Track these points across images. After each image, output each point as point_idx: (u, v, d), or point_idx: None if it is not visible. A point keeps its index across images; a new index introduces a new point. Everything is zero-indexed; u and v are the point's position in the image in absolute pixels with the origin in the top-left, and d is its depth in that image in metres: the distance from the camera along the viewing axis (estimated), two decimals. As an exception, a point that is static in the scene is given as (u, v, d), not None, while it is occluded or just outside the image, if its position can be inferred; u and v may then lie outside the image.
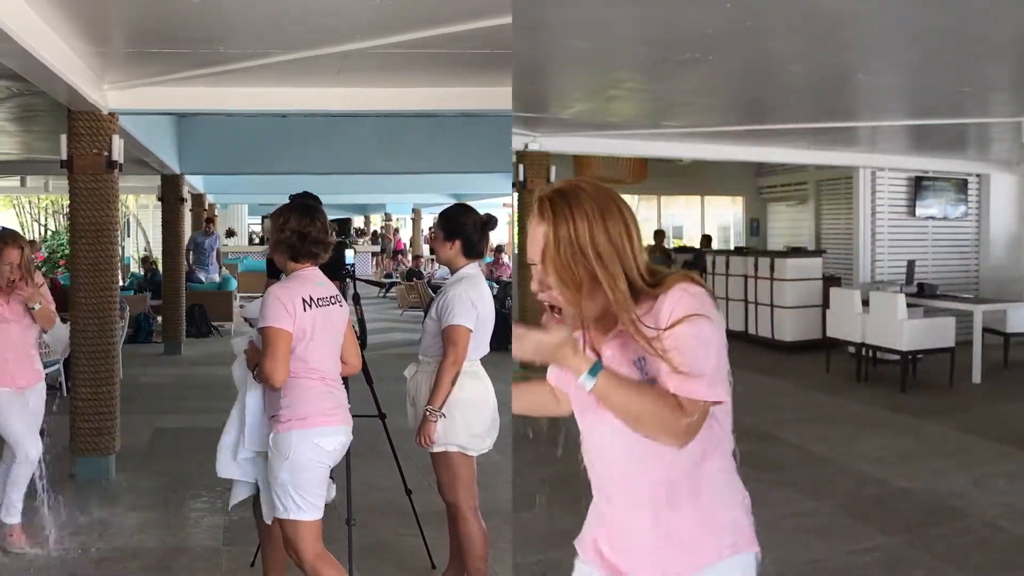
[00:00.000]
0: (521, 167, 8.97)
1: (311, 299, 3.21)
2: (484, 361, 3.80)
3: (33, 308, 4.56)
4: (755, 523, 1.97)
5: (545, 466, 6.21)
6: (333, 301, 3.32)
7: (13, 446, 4.57)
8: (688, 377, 1.70)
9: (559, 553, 4.65)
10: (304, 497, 3.20)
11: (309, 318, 3.19)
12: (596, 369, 1.68)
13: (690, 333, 1.71)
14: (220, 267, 14.99)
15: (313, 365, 3.23)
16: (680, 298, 1.74)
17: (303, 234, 3.26)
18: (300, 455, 3.18)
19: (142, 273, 15.65)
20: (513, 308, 9.16)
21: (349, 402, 3.47)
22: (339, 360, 3.39)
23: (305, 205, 3.35)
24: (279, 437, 3.20)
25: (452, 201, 9.29)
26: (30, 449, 4.57)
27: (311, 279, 3.29)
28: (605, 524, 1.99)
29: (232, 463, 3.53)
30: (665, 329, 1.72)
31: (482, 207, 4.15)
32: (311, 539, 3.25)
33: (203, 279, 14.30)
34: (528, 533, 4.84)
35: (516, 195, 9.14)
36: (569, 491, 6.18)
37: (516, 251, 9.61)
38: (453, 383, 3.60)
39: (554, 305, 1.79)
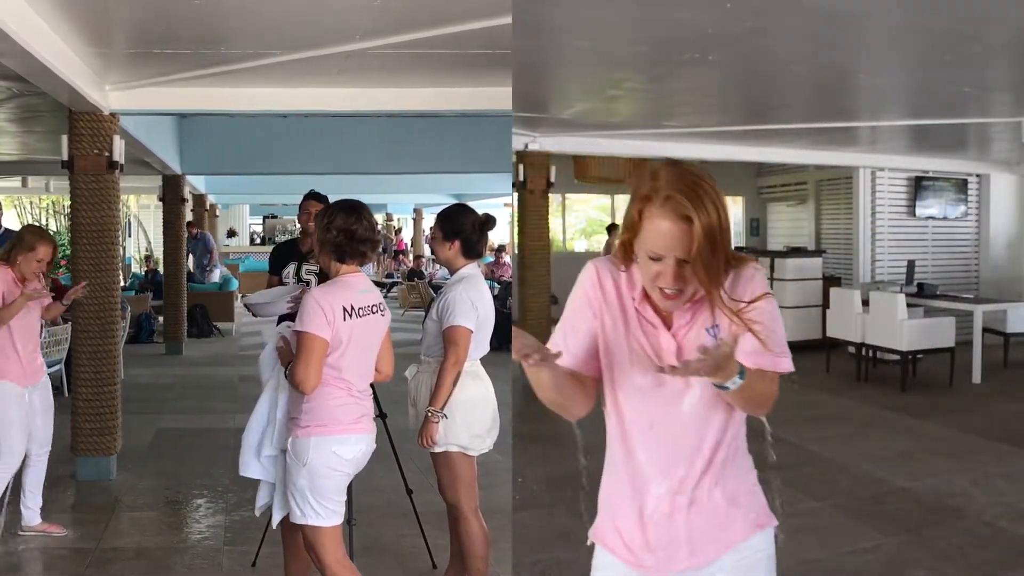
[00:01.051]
0: (521, 167, 8.97)
1: (352, 308, 3.10)
2: (484, 361, 3.80)
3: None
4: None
5: (545, 466, 6.22)
6: (375, 310, 3.20)
7: (5, 449, 4.55)
8: (775, 354, 1.82)
9: (559, 553, 4.68)
10: (323, 503, 3.14)
11: (347, 327, 3.08)
12: (743, 371, 1.72)
13: (769, 310, 1.83)
14: (214, 266, 14.98)
15: (343, 375, 3.13)
16: (754, 276, 1.86)
17: (350, 232, 3.14)
18: (318, 462, 3.11)
19: (143, 273, 15.66)
20: (513, 308, 9.16)
21: None
22: (372, 370, 3.29)
23: (350, 203, 3.22)
24: (297, 443, 3.14)
25: (453, 201, 9.29)
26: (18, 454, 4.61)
27: (355, 285, 3.17)
28: (635, 510, 1.94)
29: (255, 462, 3.44)
30: (749, 302, 1.82)
31: (483, 207, 4.16)
32: (331, 545, 3.20)
33: (203, 281, 14.34)
34: (528, 533, 4.84)
35: (516, 195, 9.14)
36: (569, 491, 6.19)
37: (517, 251, 9.60)
38: (454, 384, 3.60)
39: (671, 290, 1.79)
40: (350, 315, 3.09)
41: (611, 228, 14.64)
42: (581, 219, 18.94)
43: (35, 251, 4.57)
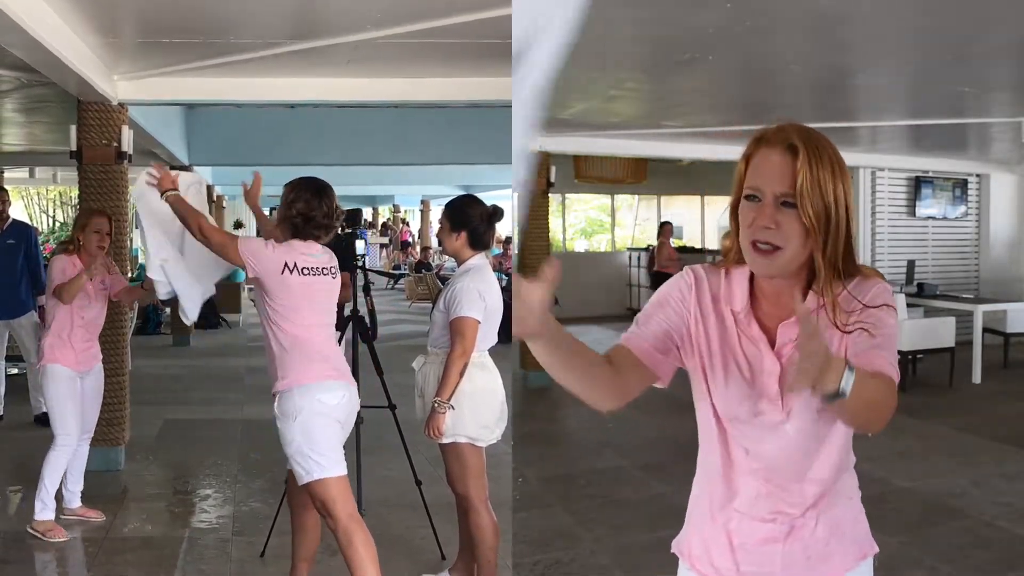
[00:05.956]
0: (521, 167, 8.96)
1: (296, 266, 3.28)
2: (492, 352, 3.80)
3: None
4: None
5: (545, 466, 6.23)
6: (325, 272, 3.38)
7: (60, 429, 4.64)
8: (884, 358, 1.58)
9: (559, 553, 4.68)
10: (323, 454, 3.23)
11: (292, 283, 3.26)
12: (851, 366, 1.42)
13: (888, 321, 1.62)
14: None
15: (306, 328, 3.30)
16: (884, 289, 1.65)
17: (308, 217, 3.34)
18: (306, 410, 3.22)
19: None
20: (513, 306, 9.14)
21: (360, 395, 3.59)
22: (333, 328, 3.47)
23: (316, 186, 3.41)
24: (282, 398, 3.27)
25: (461, 193, 9.29)
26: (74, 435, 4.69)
27: (301, 249, 3.34)
28: (723, 532, 1.78)
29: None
30: (867, 307, 1.61)
31: (491, 199, 4.15)
32: (341, 497, 3.25)
33: None
34: (528, 533, 4.84)
35: (515, 195, 9.13)
36: (569, 491, 6.20)
37: (517, 251, 9.60)
38: (461, 375, 3.60)
39: (765, 246, 1.59)
40: (292, 271, 3.26)
41: (663, 226, 14.11)
42: (581, 219, 18.95)
43: (90, 223, 4.73)
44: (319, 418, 3.24)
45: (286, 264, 3.26)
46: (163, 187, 3.53)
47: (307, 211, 3.34)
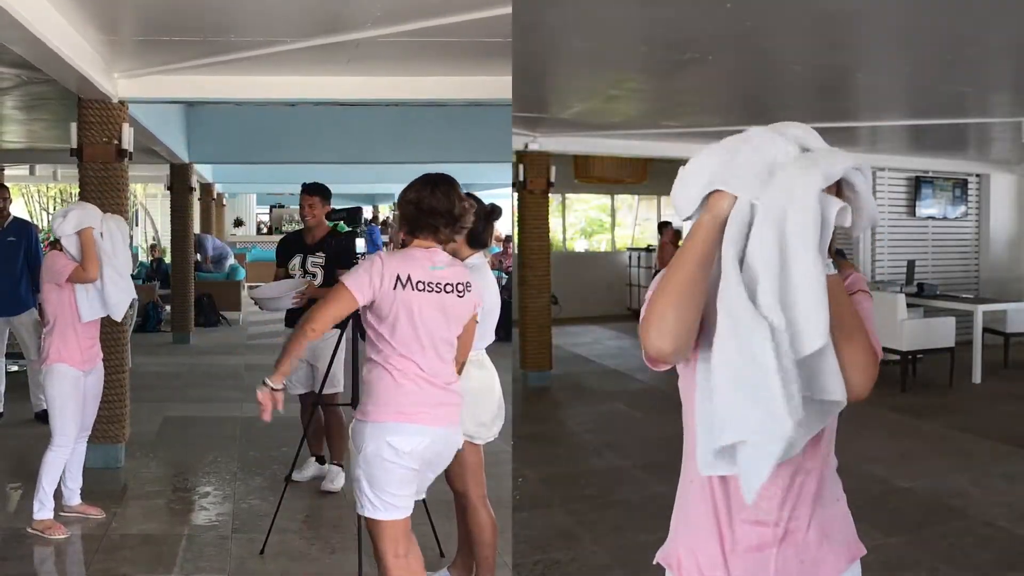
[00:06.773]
0: (521, 167, 8.97)
1: (409, 279, 2.90)
2: (490, 350, 3.81)
3: None
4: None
5: (545, 466, 6.22)
6: (448, 289, 2.99)
7: (59, 430, 4.62)
8: (871, 334, 1.68)
9: (559, 553, 4.68)
10: (379, 496, 2.99)
11: (403, 299, 2.90)
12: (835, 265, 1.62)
13: (866, 304, 1.75)
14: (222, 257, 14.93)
15: (403, 354, 2.94)
16: (858, 278, 1.80)
17: (420, 204, 2.99)
18: (371, 451, 2.96)
19: (149, 262, 15.69)
20: (513, 308, 9.16)
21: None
22: (444, 353, 3.05)
23: (432, 177, 3.06)
24: (355, 427, 3.03)
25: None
26: (71, 436, 4.66)
27: (421, 259, 2.98)
28: (715, 538, 1.75)
29: None
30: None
31: (490, 197, 4.15)
32: (389, 540, 3.05)
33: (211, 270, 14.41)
34: (528, 533, 4.84)
35: (516, 195, 9.13)
36: (569, 491, 6.19)
37: (517, 251, 9.60)
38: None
39: None
40: (405, 286, 2.91)
41: (663, 226, 13.74)
42: (581, 219, 18.94)
43: None
44: (383, 461, 2.96)
45: (398, 277, 2.88)
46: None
47: (418, 200, 2.98)
